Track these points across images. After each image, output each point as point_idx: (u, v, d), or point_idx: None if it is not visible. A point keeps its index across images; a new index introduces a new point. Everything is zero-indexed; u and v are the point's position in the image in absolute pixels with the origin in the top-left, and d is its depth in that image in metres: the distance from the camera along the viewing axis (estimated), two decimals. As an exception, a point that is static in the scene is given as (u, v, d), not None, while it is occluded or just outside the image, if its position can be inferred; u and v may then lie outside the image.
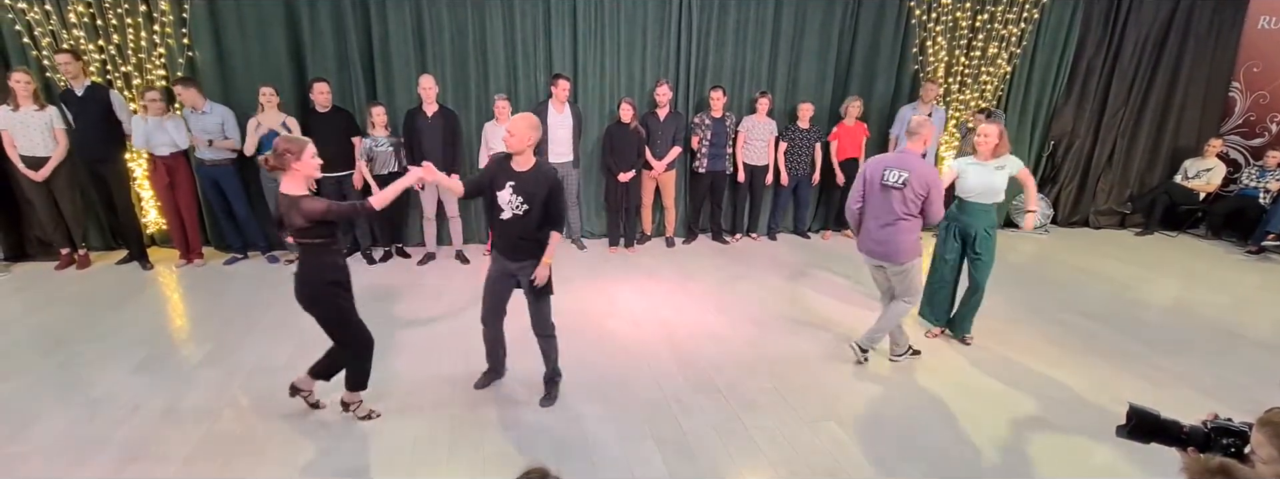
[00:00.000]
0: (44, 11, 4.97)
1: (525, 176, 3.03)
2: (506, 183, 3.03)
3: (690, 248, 6.39)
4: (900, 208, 3.49)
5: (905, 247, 3.56)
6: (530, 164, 3.05)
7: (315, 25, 5.46)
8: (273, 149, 2.72)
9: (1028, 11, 6.53)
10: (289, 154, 2.68)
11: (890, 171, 3.50)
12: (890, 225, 3.55)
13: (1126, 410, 1.53)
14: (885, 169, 3.52)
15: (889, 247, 3.58)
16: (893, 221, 3.53)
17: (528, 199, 3.02)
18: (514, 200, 3.02)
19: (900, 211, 3.50)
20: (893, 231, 3.54)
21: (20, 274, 5.19)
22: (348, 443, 2.97)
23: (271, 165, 2.71)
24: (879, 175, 3.55)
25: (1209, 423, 1.49)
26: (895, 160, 3.53)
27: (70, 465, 2.77)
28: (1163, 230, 7.31)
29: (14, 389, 3.38)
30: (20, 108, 4.79)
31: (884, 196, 3.53)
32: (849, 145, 6.41)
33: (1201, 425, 1.48)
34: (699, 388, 3.55)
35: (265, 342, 4.00)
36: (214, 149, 5.14)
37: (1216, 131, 7.29)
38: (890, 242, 3.57)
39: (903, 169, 3.46)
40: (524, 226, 3.06)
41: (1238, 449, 1.42)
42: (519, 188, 3.01)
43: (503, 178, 3.05)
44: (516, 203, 3.02)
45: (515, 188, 3.02)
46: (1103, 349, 4.16)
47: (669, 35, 6.14)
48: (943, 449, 3.03)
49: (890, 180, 3.49)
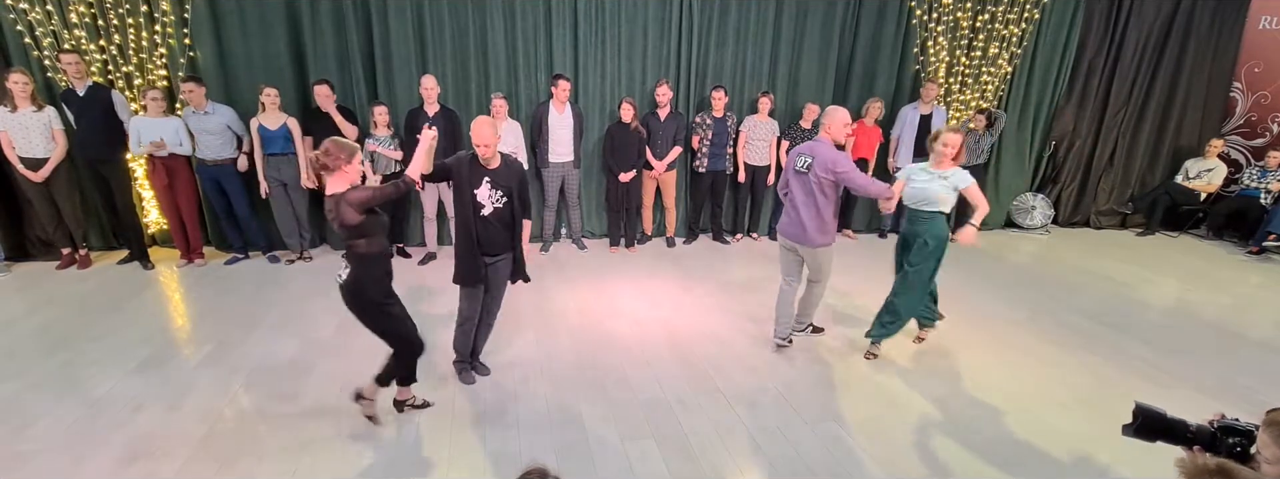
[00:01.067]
0: (45, 11, 4.97)
1: (499, 172, 3.22)
2: (482, 179, 3.18)
3: (691, 248, 6.39)
4: (809, 191, 3.64)
5: (813, 230, 3.69)
6: (499, 161, 3.23)
7: (316, 25, 5.46)
8: (322, 150, 2.76)
9: (1029, 11, 6.53)
10: (340, 158, 2.74)
11: (800, 157, 3.68)
12: (802, 209, 3.70)
13: (1133, 409, 1.53)
14: (797, 155, 3.72)
15: (801, 229, 3.73)
16: (805, 205, 3.69)
17: (506, 192, 3.23)
18: (493, 195, 3.20)
19: (809, 195, 3.65)
20: (804, 215, 3.69)
21: (21, 274, 5.19)
22: (348, 442, 2.97)
23: (320, 164, 2.76)
24: (792, 162, 3.75)
25: (1216, 422, 1.48)
26: (806, 147, 3.72)
27: (72, 465, 2.77)
28: (1164, 231, 7.31)
29: (16, 389, 3.39)
30: (18, 109, 4.79)
31: (798, 182, 3.72)
32: (863, 146, 6.42)
33: (1208, 425, 1.48)
34: (699, 387, 3.55)
35: (266, 342, 4.00)
36: (215, 149, 5.16)
37: (1218, 132, 7.29)
38: (802, 225, 3.71)
39: (809, 155, 3.63)
40: (503, 219, 3.27)
41: (1243, 449, 1.41)
42: (496, 183, 3.20)
43: (476, 176, 3.18)
44: (496, 197, 3.21)
45: (492, 183, 3.19)
46: (1104, 349, 4.16)
47: (670, 35, 6.14)
48: (943, 449, 3.03)
49: (798, 166, 3.68)
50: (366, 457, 2.87)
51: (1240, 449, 1.41)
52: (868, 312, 4.72)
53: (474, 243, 3.23)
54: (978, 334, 4.31)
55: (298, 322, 4.32)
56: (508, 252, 3.37)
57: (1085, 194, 7.52)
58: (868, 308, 4.80)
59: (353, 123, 5.29)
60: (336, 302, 4.54)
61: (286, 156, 5.31)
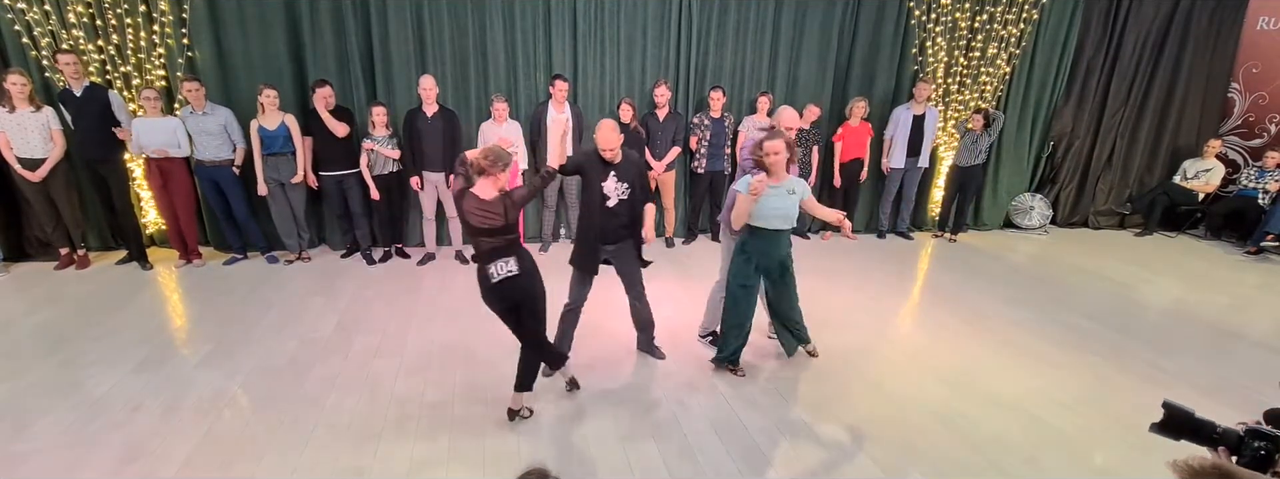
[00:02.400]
0: (43, 11, 4.97)
1: (622, 166, 3.42)
2: (609, 174, 3.40)
3: (689, 248, 6.40)
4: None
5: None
6: (620, 156, 3.40)
7: (315, 26, 5.46)
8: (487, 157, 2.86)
9: (1027, 12, 6.54)
10: (498, 166, 2.88)
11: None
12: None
13: (1162, 405, 1.53)
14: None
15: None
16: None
17: (631, 184, 3.45)
18: (619, 188, 3.42)
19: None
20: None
21: (20, 274, 5.19)
22: (347, 443, 2.97)
23: (479, 168, 2.88)
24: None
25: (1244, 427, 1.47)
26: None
27: (71, 465, 2.77)
28: (1162, 231, 7.32)
29: (14, 389, 3.38)
30: (16, 109, 4.78)
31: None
32: (854, 146, 6.42)
33: (1236, 428, 1.47)
34: (699, 388, 3.55)
35: (265, 342, 4.00)
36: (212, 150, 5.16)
37: (1216, 132, 7.30)
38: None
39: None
40: (630, 208, 3.48)
41: (1269, 453, 1.40)
42: (621, 176, 3.42)
43: (603, 171, 3.40)
44: (622, 189, 3.43)
45: (618, 176, 3.41)
46: (1102, 349, 4.17)
47: (669, 35, 6.14)
48: (942, 450, 3.03)
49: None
50: (364, 457, 2.87)
51: (1265, 454, 1.40)
52: (869, 312, 4.73)
53: (596, 231, 3.46)
54: (977, 334, 4.31)
55: (296, 322, 4.32)
56: (627, 239, 3.57)
57: (1084, 194, 7.53)
58: (869, 308, 4.81)
59: (349, 124, 5.28)
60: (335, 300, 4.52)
61: (285, 156, 5.30)
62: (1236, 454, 1.42)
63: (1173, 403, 1.51)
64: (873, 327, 4.47)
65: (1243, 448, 1.42)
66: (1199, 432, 1.48)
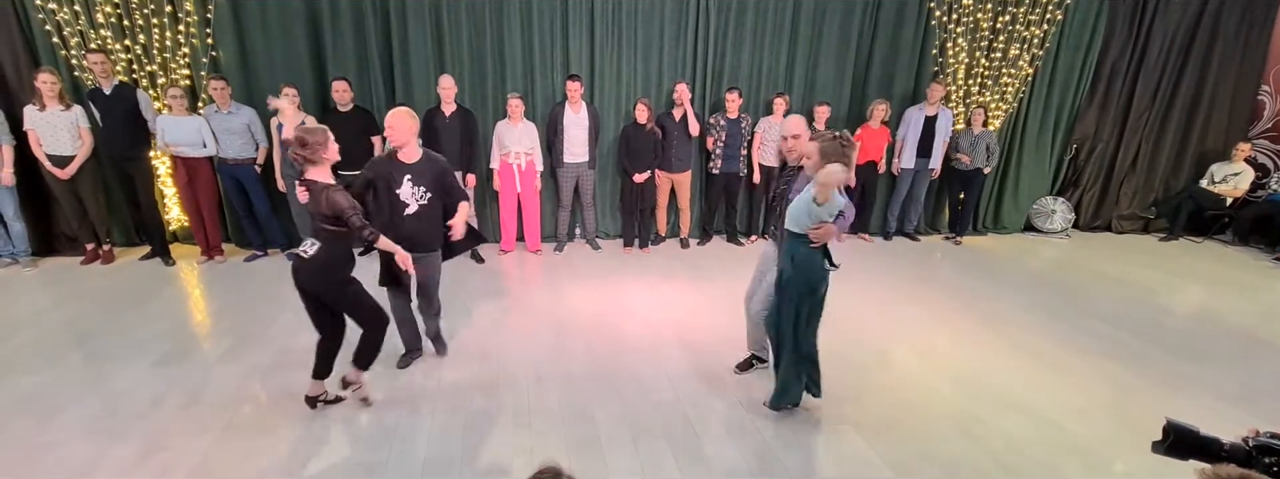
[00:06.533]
0: (73, 11, 5.08)
1: (418, 168, 3.12)
2: (402, 178, 3.10)
3: (705, 249, 6.38)
4: None
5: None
6: (417, 155, 3.12)
7: (336, 26, 5.53)
8: (301, 143, 2.77)
9: (1051, 12, 6.44)
10: (318, 145, 2.77)
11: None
12: None
13: (1163, 427, 1.47)
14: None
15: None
16: None
17: (429, 187, 3.15)
18: (415, 192, 3.11)
19: None
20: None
21: (47, 269, 5.30)
22: (364, 439, 3.00)
23: (304, 158, 2.78)
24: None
25: (1251, 440, 1.41)
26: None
27: (93, 456, 2.82)
28: (1187, 236, 7.17)
29: (41, 382, 3.46)
30: (46, 108, 4.89)
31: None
32: (870, 149, 6.36)
33: (1243, 443, 1.41)
34: (712, 389, 3.54)
35: (284, 338, 4.04)
36: (236, 148, 5.24)
37: (1245, 135, 7.14)
38: None
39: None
40: (434, 211, 3.19)
41: None
42: (417, 179, 3.12)
43: (397, 176, 3.10)
44: (419, 193, 3.13)
45: (413, 180, 3.10)
46: (1124, 355, 4.09)
47: (686, 36, 6.13)
48: (958, 454, 3.00)
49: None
50: (382, 453, 2.89)
51: (1277, 470, 1.35)
52: (882, 314, 4.69)
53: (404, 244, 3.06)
54: (995, 338, 4.25)
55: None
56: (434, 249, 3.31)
57: (1107, 198, 7.40)
58: (882, 310, 4.76)
59: (367, 123, 5.35)
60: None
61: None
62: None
63: (1175, 422, 1.45)
64: (887, 329, 4.43)
65: (1253, 465, 1.37)
66: (1206, 450, 1.43)
